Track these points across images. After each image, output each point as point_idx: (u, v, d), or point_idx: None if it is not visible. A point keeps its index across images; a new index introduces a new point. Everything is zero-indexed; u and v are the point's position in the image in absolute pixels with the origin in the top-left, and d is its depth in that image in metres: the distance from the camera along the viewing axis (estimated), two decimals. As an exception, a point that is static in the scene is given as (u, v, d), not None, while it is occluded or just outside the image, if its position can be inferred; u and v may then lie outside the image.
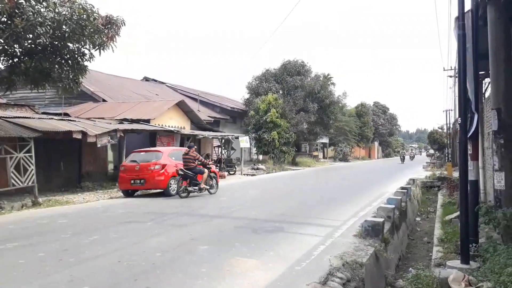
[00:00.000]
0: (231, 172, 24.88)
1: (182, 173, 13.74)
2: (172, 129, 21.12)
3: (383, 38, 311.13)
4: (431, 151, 62.56)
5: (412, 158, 57.79)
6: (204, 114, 30.11)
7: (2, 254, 6.54)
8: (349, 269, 5.71)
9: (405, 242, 10.24)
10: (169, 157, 15.01)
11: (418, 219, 13.91)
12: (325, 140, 51.71)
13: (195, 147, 15.52)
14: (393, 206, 9.15)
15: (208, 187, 14.48)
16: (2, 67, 12.53)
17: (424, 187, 20.65)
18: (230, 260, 6.06)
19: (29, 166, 12.58)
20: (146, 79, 37.85)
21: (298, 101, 35.33)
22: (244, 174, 25.23)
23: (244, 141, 26.15)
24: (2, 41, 10.78)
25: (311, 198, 14.12)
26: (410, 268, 7.28)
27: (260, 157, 35.00)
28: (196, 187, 13.99)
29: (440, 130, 50.89)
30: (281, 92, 36.59)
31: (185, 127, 24.53)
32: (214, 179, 15.02)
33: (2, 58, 12.04)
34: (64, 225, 9.20)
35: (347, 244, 7.05)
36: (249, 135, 31.16)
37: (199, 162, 14.19)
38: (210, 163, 15.12)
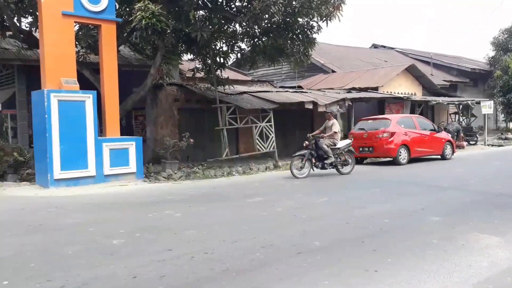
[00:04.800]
0: (471, 142, 22.25)
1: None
2: (401, 95, 20.23)
3: None
4: None
5: None
6: (438, 78, 27.64)
7: (251, 206, 7.63)
8: None
9: None
10: (398, 124, 14.47)
11: None
12: None
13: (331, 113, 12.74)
14: None
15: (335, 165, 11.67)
16: (246, 47, 14.33)
17: None
18: (466, 234, 5.46)
19: (270, 134, 14.16)
20: (374, 46, 37.09)
21: None
22: (488, 145, 22.20)
23: (487, 107, 22.83)
24: (245, 24, 12.28)
25: None
26: None
27: (511, 125, 30.06)
28: (320, 163, 11.57)
29: None
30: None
31: (416, 93, 23.09)
32: (350, 158, 12.03)
33: (245, 40, 13.78)
34: (298, 186, 10.03)
35: None
36: (495, 99, 26.97)
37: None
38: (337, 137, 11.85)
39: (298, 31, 12.83)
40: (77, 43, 11.38)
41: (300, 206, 7.49)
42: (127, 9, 12.32)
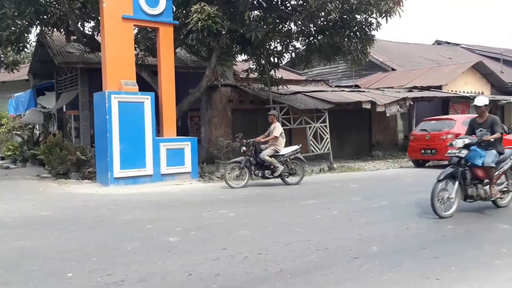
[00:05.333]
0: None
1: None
2: (467, 95, 19.12)
3: None
4: None
5: None
6: (509, 76, 25.87)
7: (305, 208, 7.50)
8: None
9: None
10: (464, 125, 13.63)
11: None
12: None
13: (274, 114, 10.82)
14: None
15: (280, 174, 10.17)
16: (301, 47, 14.18)
17: None
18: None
19: (325, 135, 13.89)
20: (438, 42, 35.41)
21: None
22: None
23: None
24: (300, 23, 12.14)
25: None
26: None
27: None
28: (260, 172, 10.26)
29: None
30: None
31: (484, 92, 21.72)
32: (298, 166, 10.55)
33: (300, 38, 13.63)
34: (355, 189, 9.74)
35: None
36: None
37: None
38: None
39: (356, 28, 12.52)
40: (136, 46, 11.78)
41: (357, 209, 7.23)
42: (184, 11, 12.60)
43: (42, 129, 17.49)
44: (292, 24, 13.16)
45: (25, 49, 13.29)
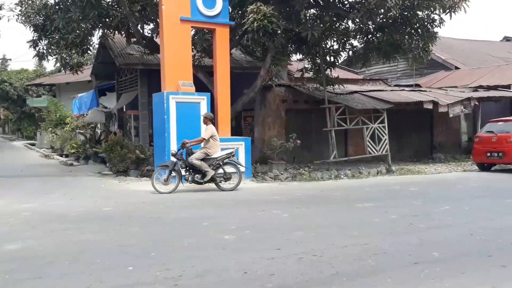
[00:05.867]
0: None
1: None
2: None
3: None
4: None
5: None
6: None
7: (361, 211, 7.30)
8: None
9: None
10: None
11: None
12: None
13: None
14: None
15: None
16: (359, 45, 13.83)
17: None
18: None
19: (383, 136, 13.45)
20: (507, 39, 33.22)
21: None
22: None
23: None
24: (358, 20, 11.84)
25: None
26: None
27: None
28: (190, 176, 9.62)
29: None
30: None
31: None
32: (234, 170, 9.86)
33: (358, 36, 13.30)
34: (415, 193, 9.36)
35: None
36: None
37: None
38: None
39: (417, 25, 12.03)
40: (193, 47, 12.04)
41: (417, 214, 6.94)
42: (239, 12, 12.71)
43: (103, 128, 18.38)
44: (349, 22, 12.87)
45: (88, 51, 14.01)
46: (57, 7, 12.21)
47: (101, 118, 17.76)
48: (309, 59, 13.89)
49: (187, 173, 9.51)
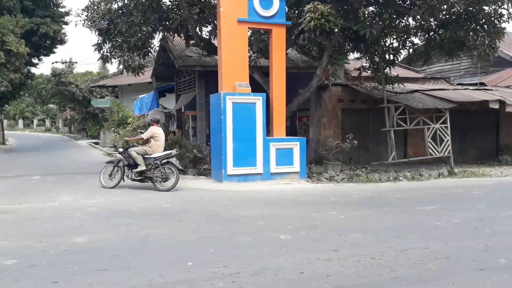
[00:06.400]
0: None
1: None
2: None
3: None
4: None
5: None
6: None
7: (422, 214, 7.04)
8: None
9: None
10: None
11: None
12: None
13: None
14: None
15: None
16: (420, 42, 13.32)
17: None
18: None
19: (445, 137, 12.86)
20: None
21: None
22: None
23: None
24: (419, 17, 11.41)
25: None
26: None
27: None
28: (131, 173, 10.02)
29: None
30: None
31: None
32: (170, 171, 9.82)
33: (419, 34, 12.81)
34: (479, 196, 8.91)
35: None
36: None
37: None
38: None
39: (483, 20, 11.39)
40: (249, 48, 12.16)
41: (482, 218, 6.59)
42: (296, 11, 12.66)
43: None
44: (410, 19, 12.43)
45: (149, 54, 14.58)
46: (120, 11, 12.82)
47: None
48: (367, 58, 13.58)
49: (129, 170, 10.01)
